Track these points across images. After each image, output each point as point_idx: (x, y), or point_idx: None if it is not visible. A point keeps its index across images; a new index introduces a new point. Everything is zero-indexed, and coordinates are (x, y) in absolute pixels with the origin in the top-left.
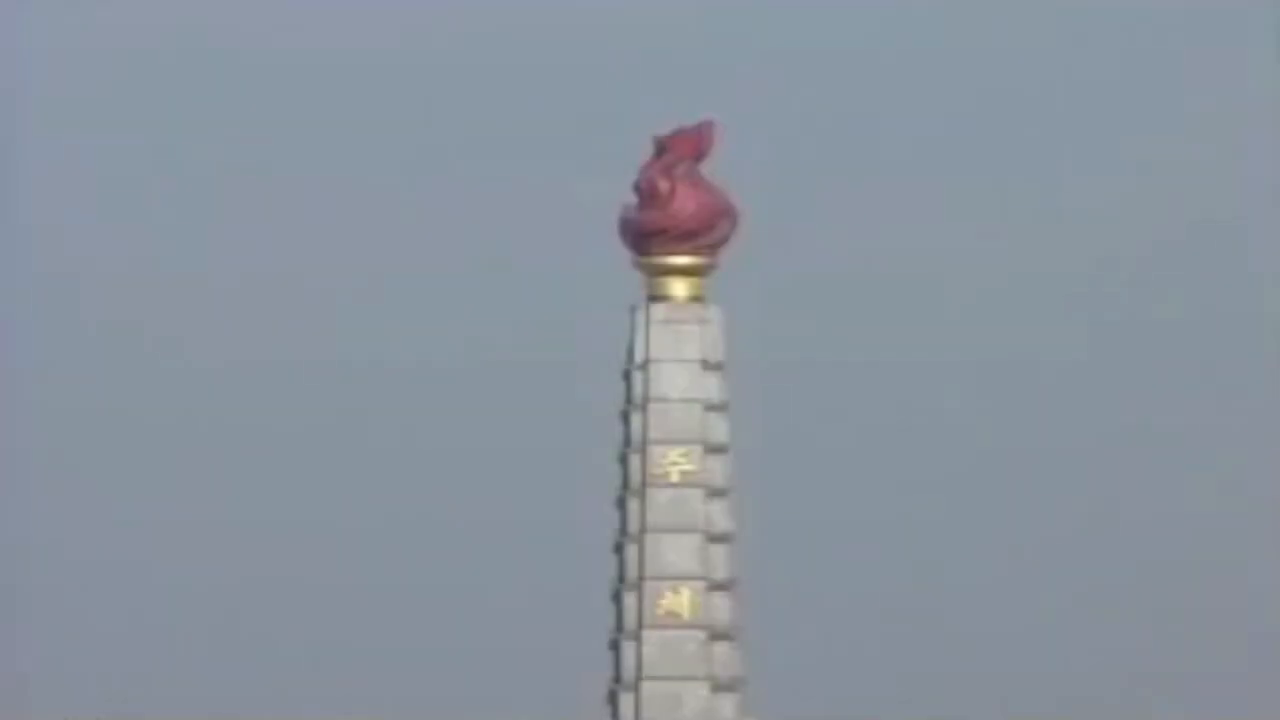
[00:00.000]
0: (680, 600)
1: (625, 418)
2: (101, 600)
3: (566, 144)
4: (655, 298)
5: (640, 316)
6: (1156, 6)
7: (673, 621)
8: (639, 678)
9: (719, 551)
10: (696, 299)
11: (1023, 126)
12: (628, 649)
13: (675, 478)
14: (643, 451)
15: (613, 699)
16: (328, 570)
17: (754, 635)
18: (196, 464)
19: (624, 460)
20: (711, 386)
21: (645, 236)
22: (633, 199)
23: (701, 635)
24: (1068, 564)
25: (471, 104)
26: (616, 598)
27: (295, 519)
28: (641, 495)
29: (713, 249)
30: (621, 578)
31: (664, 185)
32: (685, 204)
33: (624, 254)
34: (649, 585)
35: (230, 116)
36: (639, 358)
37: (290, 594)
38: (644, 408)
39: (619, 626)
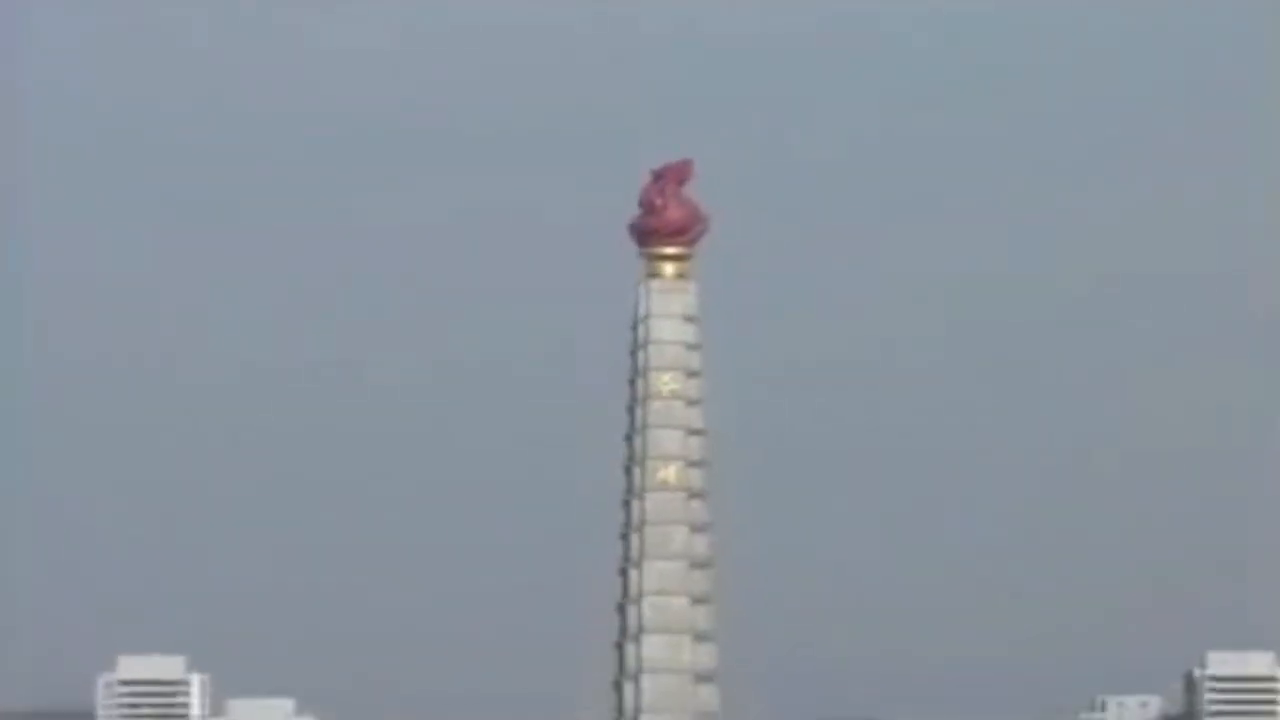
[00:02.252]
0: (669, 473)
1: (633, 353)
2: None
3: (592, 174)
4: (653, 275)
5: (643, 288)
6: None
7: (664, 486)
8: (643, 523)
9: (694, 441)
10: (681, 276)
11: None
12: (635, 505)
13: (666, 393)
14: (645, 375)
15: (624, 539)
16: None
17: (717, 495)
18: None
19: (632, 381)
20: (690, 332)
21: (646, 235)
22: (637, 210)
23: (684, 495)
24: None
25: (523, 152)
26: (628, 471)
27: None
28: (644, 404)
29: (691, 244)
30: (630, 458)
31: (659, 201)
32: (673, 214)
33: (631, 247)
34: (649, 462)
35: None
36: (642, 314)
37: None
38: (645, 346)
39: (629, 490)
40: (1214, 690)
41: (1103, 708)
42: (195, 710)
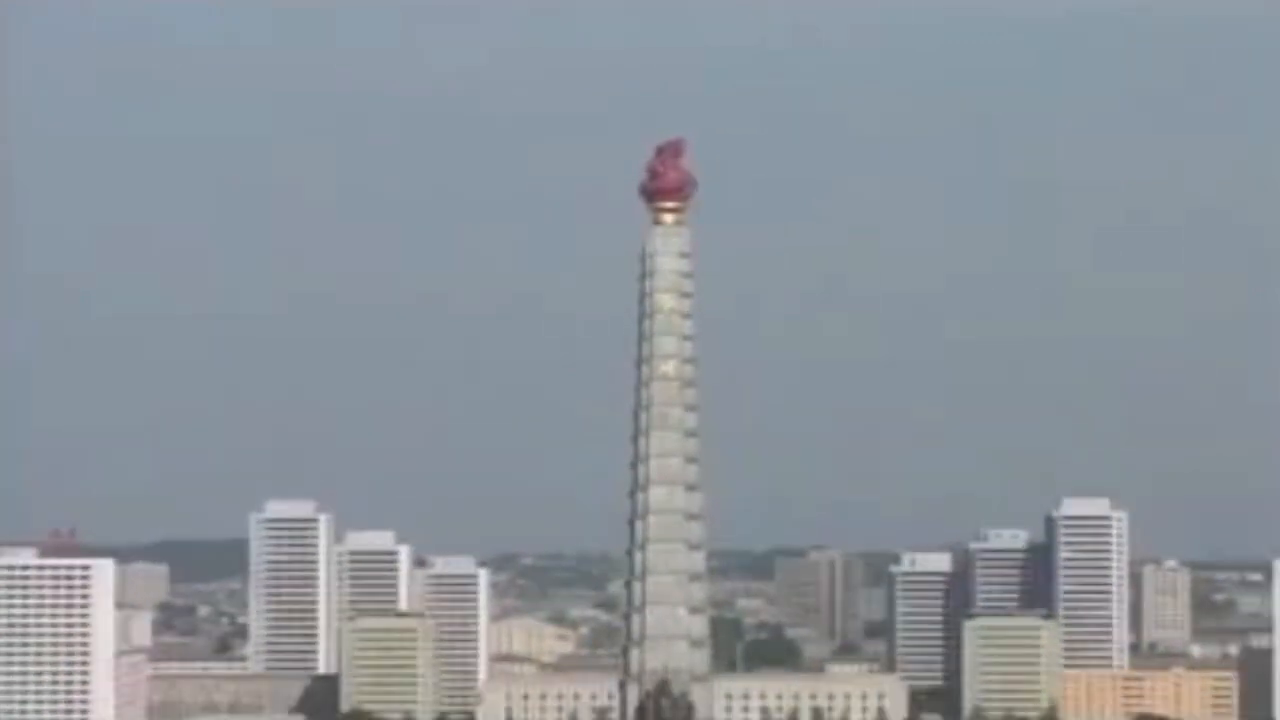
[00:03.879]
0: (669, 367)
1: (642, 278)
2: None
3: (613, 149)
4: (656, 222)
5: (651, 231)
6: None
7: (665, 377)
8: (649, 404)
9: (687, 344)
10: (678, 223)
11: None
12: (643, 390)
13: (667, 308)
14: (651, 295)
15: (636, 415)
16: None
17: (704, 383)
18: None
19: (641, 299)
20: (684, 264)
21: (652, 193)
22: (645, 176)
23: (679, 383)
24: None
25: (561, 133)
26: (638, 365)
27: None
28: (651, 316)
29: (685, 199)
30: (640, 355)
31: (661, 169)
32: (671, 178)
33: (640, 202)
34: (654, 359)
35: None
36: (649, 251)
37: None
38: (651, 274)
39: (639, 380)
40: (1066, 526)
41: (985, 538)
42: (322, 540)
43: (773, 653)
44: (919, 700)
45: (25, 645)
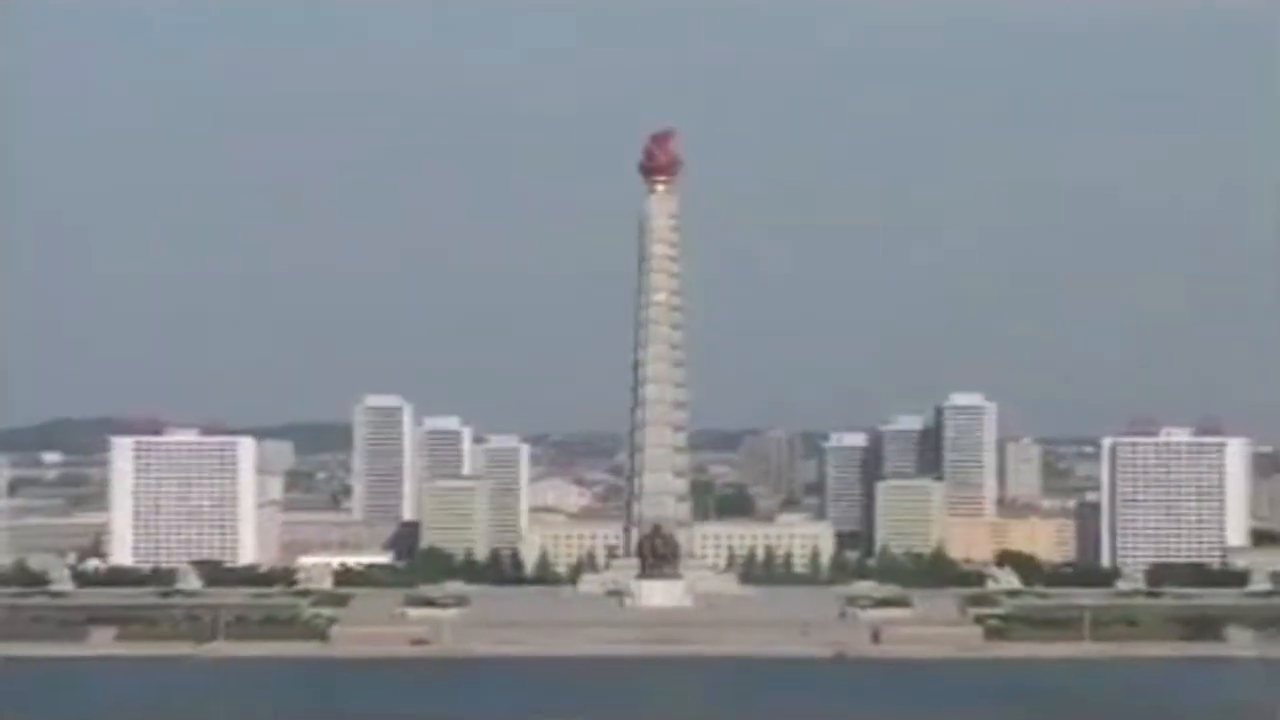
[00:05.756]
0: (661, 297)
1: (641, 234)
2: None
3: (617, 139)
4: (651, 191)
5: (647, 198)
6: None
7: (658, 305)
8: (646, 323)
9: (675, 280)
10: (668, 192)
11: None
12: (641, 314)
13: (659, 255)
14: (647, 245)
15: (636, 332)
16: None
17: (688, 309)
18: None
19: (641, 247)
20: (673, 222)
21: (648, 170)
22: (642, 156)
23: (668, 308)
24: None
25: (580, 127)
26: (637, 295)
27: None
28: (648, 260)
29: (674, 174)
30: (640, 289)
31: (655, 150)
32: (663, 158)
33: (638, 177)
34: (650, 291)
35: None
36: (646, 213)
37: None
38: (648, 231)
39: (638, 305)
40: (951, 414)
41: (892, 421)
42: (406, 423)
43: (736, 505)
44: (842, 540)
45: (189, 500)
